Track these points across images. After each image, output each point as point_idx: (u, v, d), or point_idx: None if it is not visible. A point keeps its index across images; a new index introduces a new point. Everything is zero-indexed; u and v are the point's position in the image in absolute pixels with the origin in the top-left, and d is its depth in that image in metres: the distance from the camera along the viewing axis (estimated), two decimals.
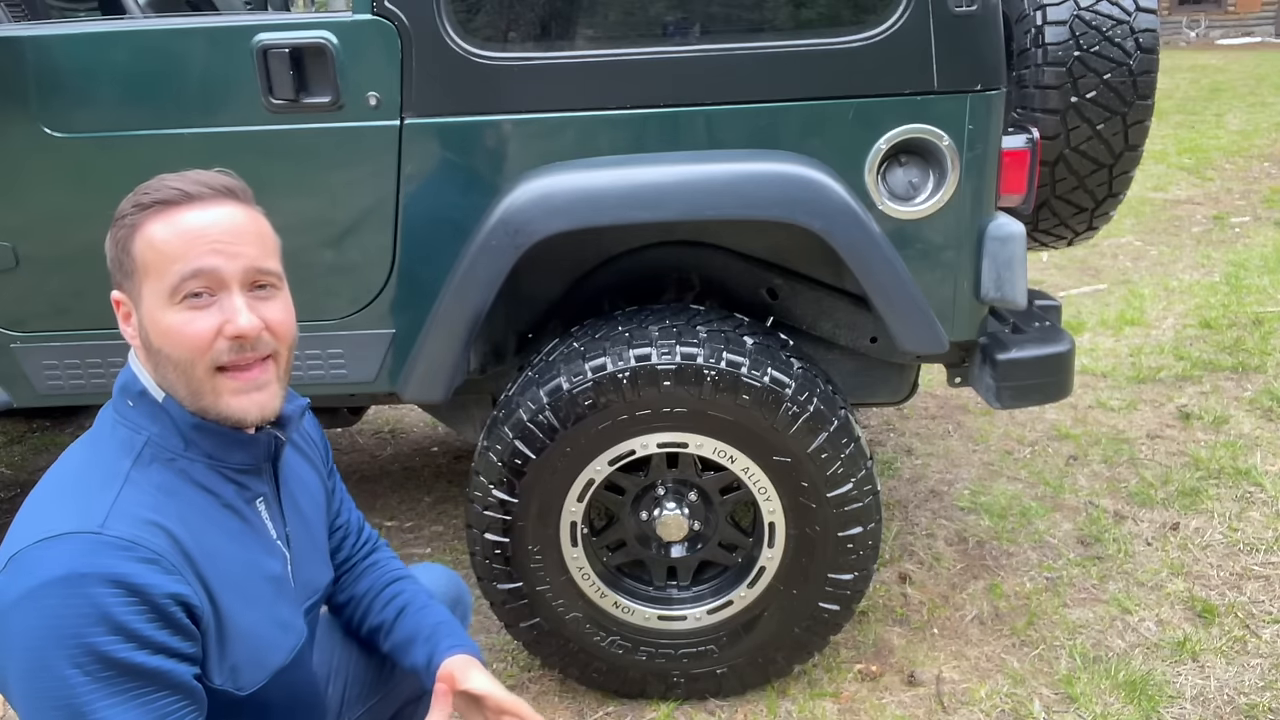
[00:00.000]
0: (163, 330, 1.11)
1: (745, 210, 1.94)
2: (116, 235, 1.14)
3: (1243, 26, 21.74)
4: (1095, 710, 2.14)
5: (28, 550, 1.02)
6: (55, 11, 2.96)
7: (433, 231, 2.04)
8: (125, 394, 1.17)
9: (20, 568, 1.02)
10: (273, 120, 1.97)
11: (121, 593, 1.00)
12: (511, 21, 2.01)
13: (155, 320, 1.12)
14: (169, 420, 1.15)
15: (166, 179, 1.14)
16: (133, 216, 1.12)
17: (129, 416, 1.16)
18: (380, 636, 1.47)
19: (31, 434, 3.91)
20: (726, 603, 2.13)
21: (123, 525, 1.05)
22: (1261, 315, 4.48)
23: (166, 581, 1.04)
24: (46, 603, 0.99)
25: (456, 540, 2.96)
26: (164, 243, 1.10)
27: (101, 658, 0.99)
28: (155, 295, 1.11)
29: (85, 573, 1.00)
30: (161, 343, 1.12)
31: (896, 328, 2.02)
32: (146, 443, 1.14)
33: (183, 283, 1.10)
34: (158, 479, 1.12)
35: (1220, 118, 10.33)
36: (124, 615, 1.00)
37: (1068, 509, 2.98)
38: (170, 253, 1.10)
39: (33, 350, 2.15)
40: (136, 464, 1.12)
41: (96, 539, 1.02)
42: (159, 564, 1.05)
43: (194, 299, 1.11)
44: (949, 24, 1.91)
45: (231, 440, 1.17)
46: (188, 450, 1.15)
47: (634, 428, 1.98)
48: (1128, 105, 2.21)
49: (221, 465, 1.18)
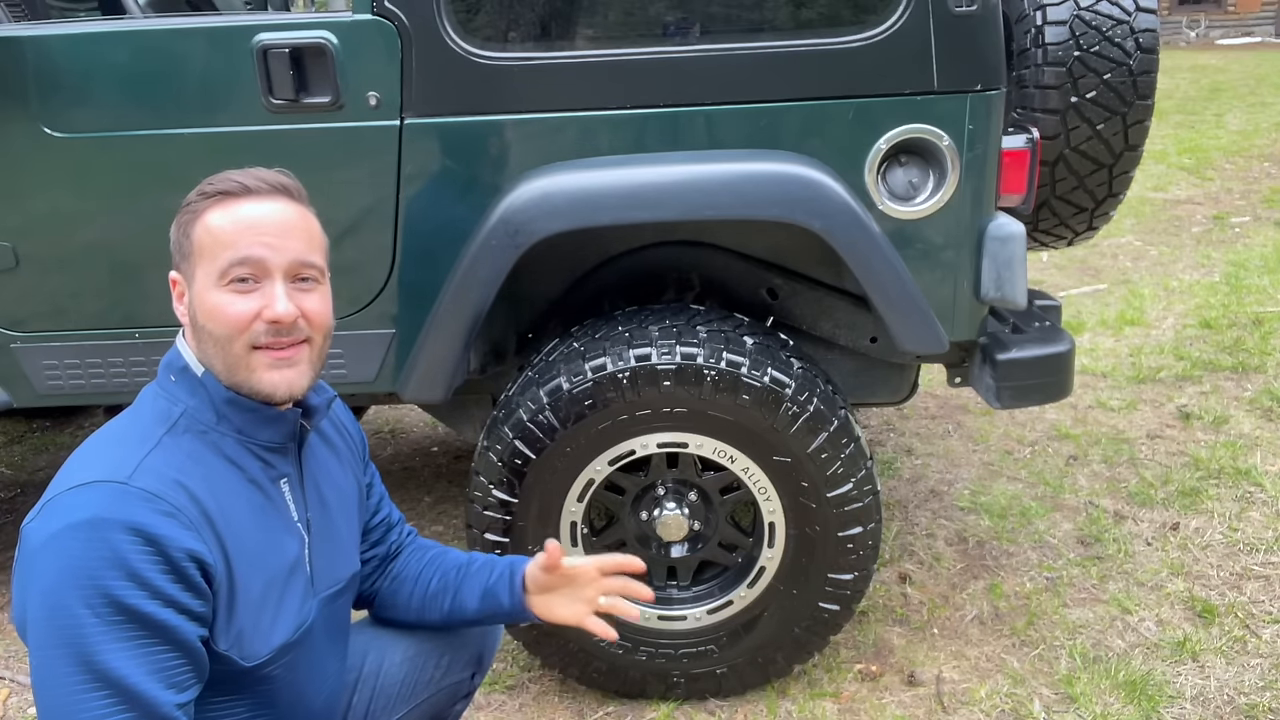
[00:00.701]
0: (208, 308, 1.20)
1: (745, 210, 1.94)
2: (181, 220, 1.23)
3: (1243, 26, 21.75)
4: (1095, 710, 2.14)
5: (59, 497, 1.10)
6: (55, 11, 2.96)
7: (433, 231, 2.04)
8: (169, 369, 1.25)
9: (51, 512, 1.09)
10: (273, 120, 1.97)
11: (139, 541, 1.07)
12: (511, 21, 2.01)
13: (203, 299, 1.21)
14: (205, 394, 1.22)
15: (231, 174, 1.24)
16: (196, 204, 1.22)
17: (169, 389, 1.24)
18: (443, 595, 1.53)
19: (31, 434, 3.91)
20: (726, 603, 2.13)
21: (148, 479, 1.11)
22: (1261, 315, 4.48)
23: (184, 536, 1.10)
24: (69, 544, 1.06)
25: (457, 540, 2.96)
26: (220, 230, 1.20)
27: (113, 601, 1.05)
28: (206, 276, 1.20)
29: (107, 517, 1.07)
30: (206, 320, 1.21)
31: (896, 328, 2.02)
32: (182, 414, 1.21)
33: (231, 267, 1.20)
34: (188, 447, 1.19)
35: (1220, 118, 10.34)
36: (139, 563, 1.06)
37: (1068, 509, 2.98)
38: (224, 239, 1.20)
39: (33, 350, 2.15)
40: (171, 431, 1.19)
41: (122, 488, 1.09)
42: (177, 518, 1.10)
43: (239, 283, 1.20)
44: (949, 24, 1.91)
45: (260, 417, 1.24)
46: (219, 424, 1.22)
47: (634, 428, 1.98)
48: (1128, 105, 2.21)
49: (250, 441, 1.24)
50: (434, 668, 1.59)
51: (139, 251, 2.08)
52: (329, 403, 1.38)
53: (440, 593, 1.54)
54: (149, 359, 2.15)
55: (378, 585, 1.58)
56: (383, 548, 1.58)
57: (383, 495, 1.59)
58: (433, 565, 1.57)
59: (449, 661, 1.60)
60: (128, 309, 2.13)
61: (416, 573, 1.57)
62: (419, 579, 1.56)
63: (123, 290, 2.12)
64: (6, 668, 2.46)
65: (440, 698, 1.61)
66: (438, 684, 1.59)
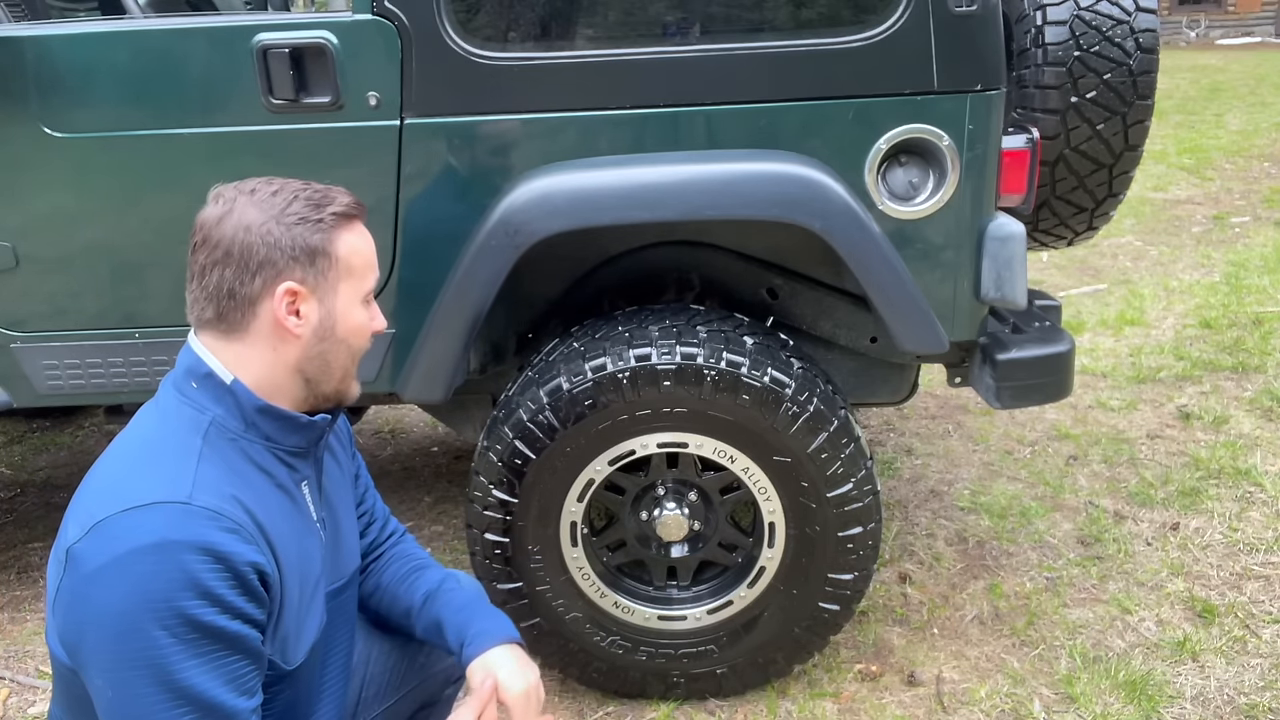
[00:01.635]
0: (354, 325, 1.27)
1: (745, 210, 1.94)
2: (304, 232, 1.22)
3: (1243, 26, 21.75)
4: (1095, 710, 2.14)
5: (115, 518, 1.08)
6: (55, 11, 2.96)
7: (433, 231, 2.04)
8: (190, 375, 1.23)
9: (108, 535, 1.08)
10: (273, 120, 1.97)
11: (209, 559, 1.08)
12: (511, 21, 2.01)
13: (349, 315, 1.27)
14: (233, 402, 1.22)
15: (331, 191, 1.26)
16: (327, 221, 1.24)
17: (192, 396, 1.22)
18: (410, 620, 1.53)
19: (31, 434, 3.91)
20: (726, 603, 2.13)
21: (208, 496, 1.12)
22: (1261, 315, 4.48)
23: (248, 550, 1.12)
24: (138, 569, 1.05)
25: (456, 540, 2.96)
26: (366, 252, 1.29)
27: (189, 621, 1.06)
28: (353, 293, 1.27)
29: (177, 540, 1.07)
30: (348, 334, 1.27)
31: (896, 328, 2.02)
32: (211, 422, 1.21)
33: (371, 288, 1.29)
34: (226, 456, 1.20)
35: (1220, 118, 10.34)
36: (211, 581, 1.07)
37: (1068, 509, 2.98)
38: (370, 260, 1.29)
39: (33, 350, 2.15)
40: (206, 441, 1.19)
41: (186, 509, 1.10)
42: (240, 534, 1.12)
43: (368, 302, 1.30)
44: (949, 24, 1.91)
45: (291, 424, 1.26)
46: (247, 432, 1.23)
47: (634, 428, 1.98)
48: (1128, 105, 2.21)
49: (277, 447, 1.25)
50: (423, 655, 1.61)
51: (139, 251, 2.08)
52: None
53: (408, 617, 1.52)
54: (149, 359, 2.15)
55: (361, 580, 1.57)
56: (364, 540, 1.57)
57: (368, 486, 1.60)
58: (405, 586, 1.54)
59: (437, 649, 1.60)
60: (128, 309, 2.13)
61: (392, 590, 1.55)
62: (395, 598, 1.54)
63: (123, 290, 2.12)
64: (6, 668, 2.46)
65: (430, 684, 1.62)
66: (426, 670, 1.61)
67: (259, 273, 1.20)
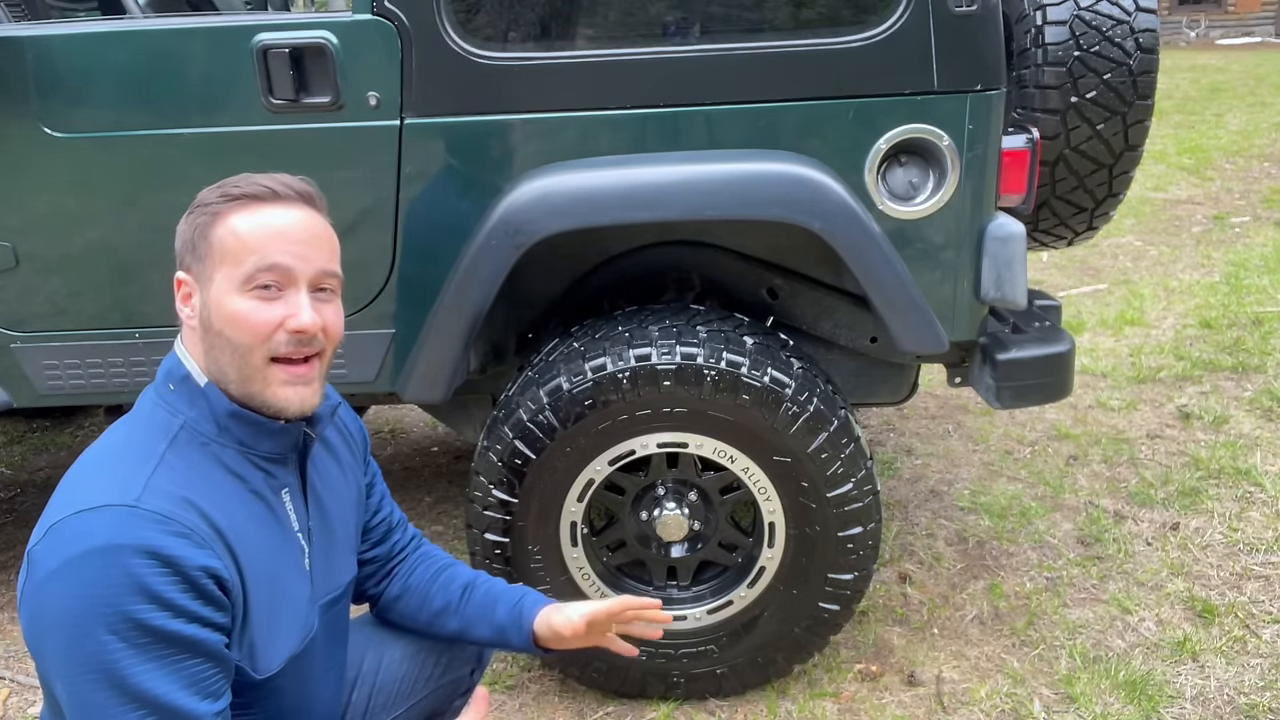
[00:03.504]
0: (228, 314, 1.18)
1: (745, 210, 1.94)
2: (195, 220, 1.20)
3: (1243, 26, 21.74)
4: (1095, 710, 2.14)
5: (65, 521, 1.08)
6: (55, 11, 2.96)
7: (433, 231, 2.04)
8: (169, 378, 1.22)
9: (58, 538, 1.07)
10: (273, 120, 1.97)
11: (155, 563, 1.05)
12: (511, 21, 2.01)
13: (222, 304, 1.18)
14: (206, 405, 1.20)
15: (254, 177, 1.22)
16: (219, 205, 1.19)
17: (168, 399, 1.21)
18: (448, 616, 1.53)
19: (31, 434, 3.91)
20: (726, 603, 2.13)
21: (157, 500, 1.10)
22: (1261, 315, 4.48)
23: (199, 555, 1.09)
24: (85, 572, 1.04)
25: (457, 540, 2.96)
26: (247, 234, 1.18)
27: (138, 625, 1.04)
28: (227, 281, 1.18)
29: (121, 544, 1.05)
30: (224, 326, 1.18)
31: (896, 328, 2.02)
32: (182, 426, 1.19)
33: (256, 273, 1.18)
34: (191, 460, 1.17)
35: (1220, 118, 10.34)
36: (158, 585, 1.05)
37: (1068, 509, 2.98)
38: (251, 244, 1.18)
39: (33, 350, 2.15)
40: (172, 446, 1.16)
41: (131, 511, 1.07)
42: (190, 538, 1.09)
43: (263, 290, 1.18)
44: (949, 24, 1.91)
45: (263, 429, 1.22)
46: (220, 436, 1.20)
47: (634, 428, 1.98)
48: (1128, 105, 2.21)
49: (251, 452, 1.22)
50: (434, 665, 1.59)
51: (139, 251, 2.08)
52: (334, 410, 1.37)
53: (444, 614, 1.54)
54: (149, 359, 2.15)
55: (382, 588, 1.58)
56: (383, 548, 1.57)
57: (384, 495, 1.58)
58: (438, 583, 1.55)
59: (449, 659, 1.60)
60: (128, 309, 2.13)
61: (423, 590, 1.56)
62: (426, 597, 1.55)
63: (123, 290, 2.12)
64: (6, 668, 2.46)
65: (439, 694, 1.61)
66: (437, 681, 1.60)
67: (177, 266, 1.22)
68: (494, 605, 1.52)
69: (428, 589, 1.55)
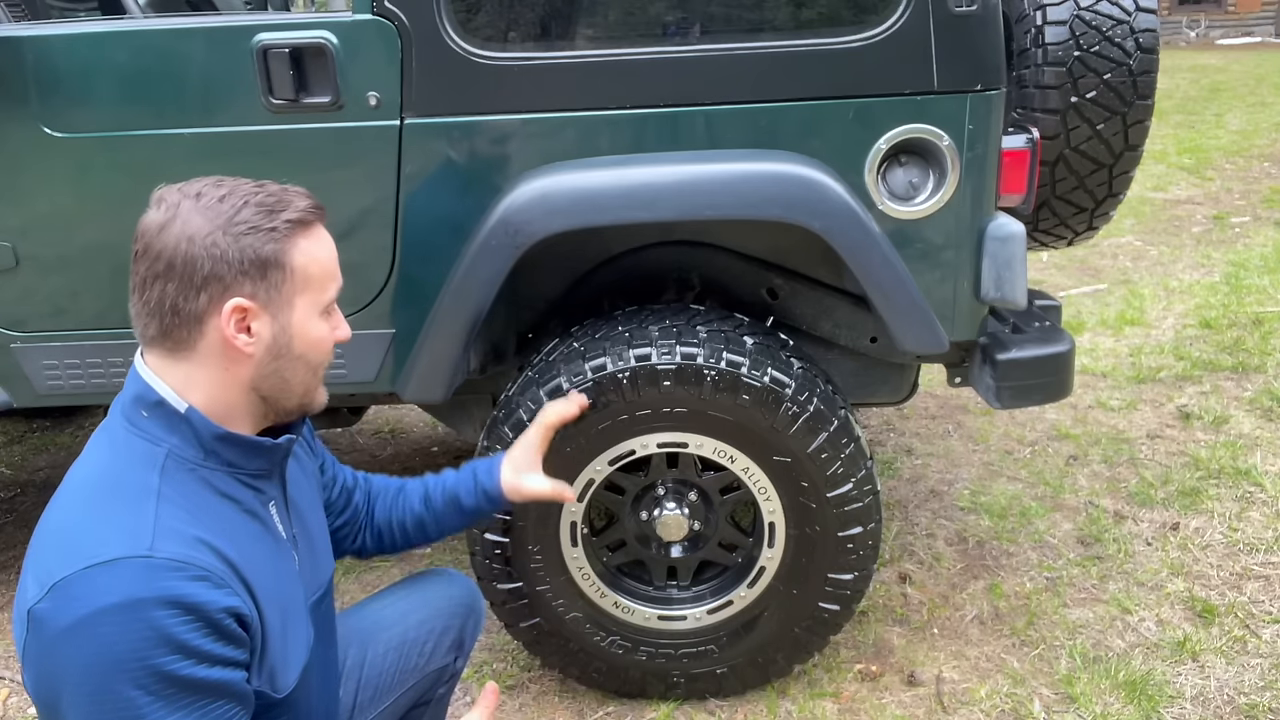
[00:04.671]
0: (314, 340, 1.20)
1: (745, 210, 1.94)
2: (251, 241, 1.12)
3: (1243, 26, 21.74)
4: (1095, 710, 2.14)
5: (76, 578, 1.01)
6: (55, 11, 2.96)
7: (433, 231, 2.04)
8: (140, 403, 1.15)
9: (70, 595, 1.01)
10: (273, 120, 1.97)
11: (179, 612, 1.02)
12: (511, 21, 2.01)
13: (306, 329, 1.19)
14: (189, 431, 1.15)
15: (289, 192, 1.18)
16: (284, 229, 1.15)
17: (144, 427, 1.14)
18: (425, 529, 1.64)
19: (31, 434, 3.91)
20: (726, 603, 2.13)
21: (170, 545, 1.05)
22: (1261, 315, 4.48)
23: (220, 596, 1.06)
24: (106, 630, 1.00)
25: (456, 540, 2.95)
26: (327, 260, 1.20)
27: (165, 677, 1.01)
28: (312, 307, 1.19)
29: (142, 597, 1.01)
30: (307, 350, 1.20)
31: (896, 328, 2.02)
32: (168, 454, 1.13)
33: (333, 297, 1.22)
34: (186, 490, 1.12)
35: (1220, 118, 10.34)
36: (184, 634, 1.02)
37: (1068, 509, 2.98)
38: (330, 270, 1.21)
39: (33, 350, 2.15)
40: (163, 477, 1.11)
41: (148, 562, 1.03)
42: (210, 579, 1.06)
43: (329, 313, 1.23)
44: (949, 24, 1.91)
45: (254, 448, 1.20)
46: (207, 460, 1.16)
47: (634, 428, 1.98)
48: (1128, 105, 2.21)
49: (240, 472, 1.19)
50: (417, 655, 1.60)
51: None
52: None
53: (420, 530, 1.63)
54: None
55: (360, 542, 1.63)
56: (349, 512, 1.59)
57: (334, 464, 1.59)
58: (400, 510, 1.63)
59: (432, 649, 1.62)
60: (128, 309, 2.12)
61: (391, 522, 1.62)
62: (399, 527, 1.62)
63: (123, 290, 2.09)
64: (6, 668, 2.46)
65: (424, 683, 1.63)
66: (421, 671, 1.61)
67: (204, 288, 1.11)
68: (457, 498, 1.63)
69: (396, 520, 1.62)
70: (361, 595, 2.68)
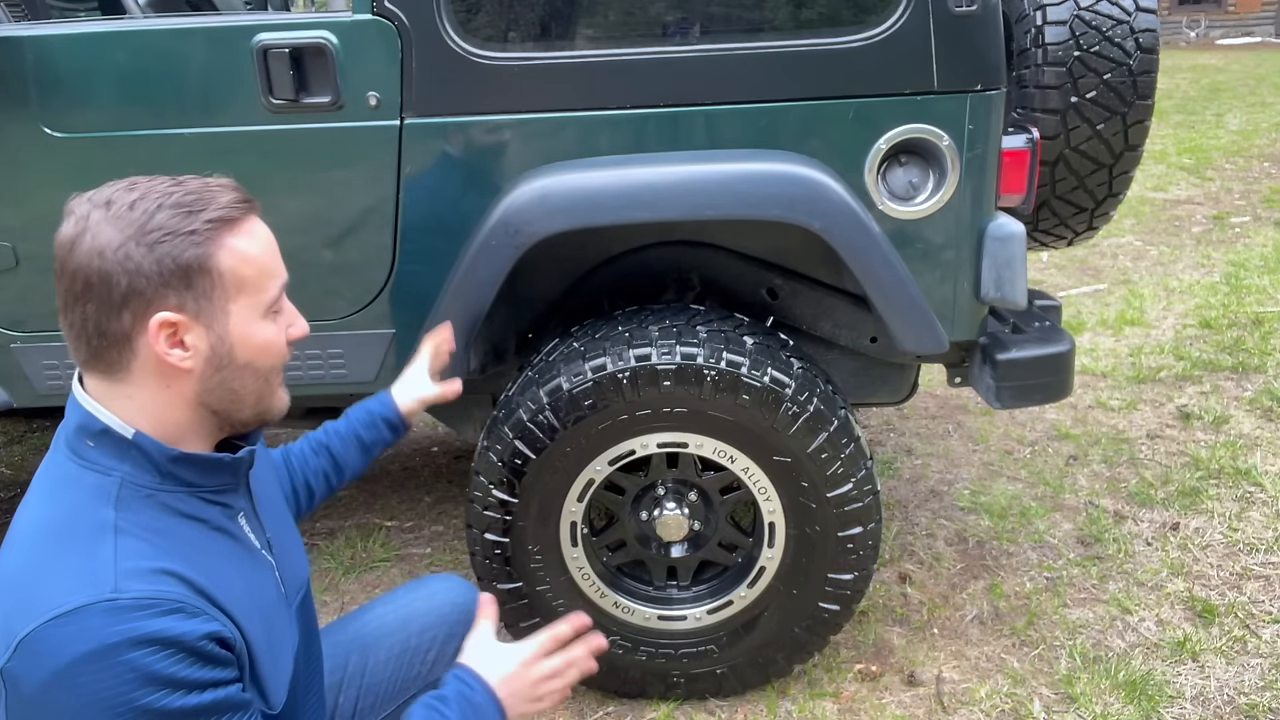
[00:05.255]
0: (259, 344, 1.12)
1: (745, 210, 1.94)
2: (168, 250, 1.04)
3: (1243, 26, 21.74)
4: (1095, 710, 2.14)
5: (41, 632, 0.96)
6: (55, 11, 2.96)
7: (433, 231, 2.04)
8: (83, 434, 1.08)
9: (38, 651, 0.96)
10: (273, 120, 1.97)
11: (157, 649, 0.97)
12: (511, 21, 2.01)
13: (250, 335, 1.10)
14: (140, 456, 1.08)
15: (209, 188, 1.09)
16: (203, 231, 1.05)
17: (91, 458, 1.07)
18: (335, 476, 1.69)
19: (31, 434, 3.91)
20: (726, 603, 2.13)
21: (135, 584, 0.99)
22: (1261, 315, 4.48)
23: (197, 625, 1.01)
24: (83, 679, 0.95)
25: (456, 540, 2.96)
26: (261, 257, 1.10)
27: (154, 712, 0.97)
28: (251, 310, 1.10)
29: (115, 642, 0.96)
30: (254, 356, 1.12)
31: (896, 328, 2.02)
32: (120, 484, 1.06)
33: (275, 296, 1.12)
34: (144, 520, 1.06)
35: (1220, 118, 10.34)
36: (167, 669, 0.97)
37: (1068, 509, 2.98)
38: (267, 266, 1.11)
39: (33, 350, 2.15)
40: (119, 509, 1.05)
41: (113, 605, 0.97)
42: (184, 610, 1.01)
43: (275, 311, 1.14)
44: (949, 24, 1.91)
45: (214, 465, 1.14)
46: (164, 483, 1.09)
47: (634, 428, 1.98)
48: (1128, 105, 2.21)
49: (202, 491, 1.13)
50: (420, 663, 1.58)
51: None
52: None
53: (333, 476, 1.69)
54: None
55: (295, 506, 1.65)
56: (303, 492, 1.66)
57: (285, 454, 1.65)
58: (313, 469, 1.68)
59: (435, 656, 1.59)
60: None
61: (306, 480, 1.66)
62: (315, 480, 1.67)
63: None
64: None
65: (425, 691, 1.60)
66: (424, 679, 1.58)
67: (125, 305, 1.03)
68: (358, 436, 1.71)
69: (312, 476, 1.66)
70: (362, 595, 2.68)
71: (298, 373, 2.13)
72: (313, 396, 2.30)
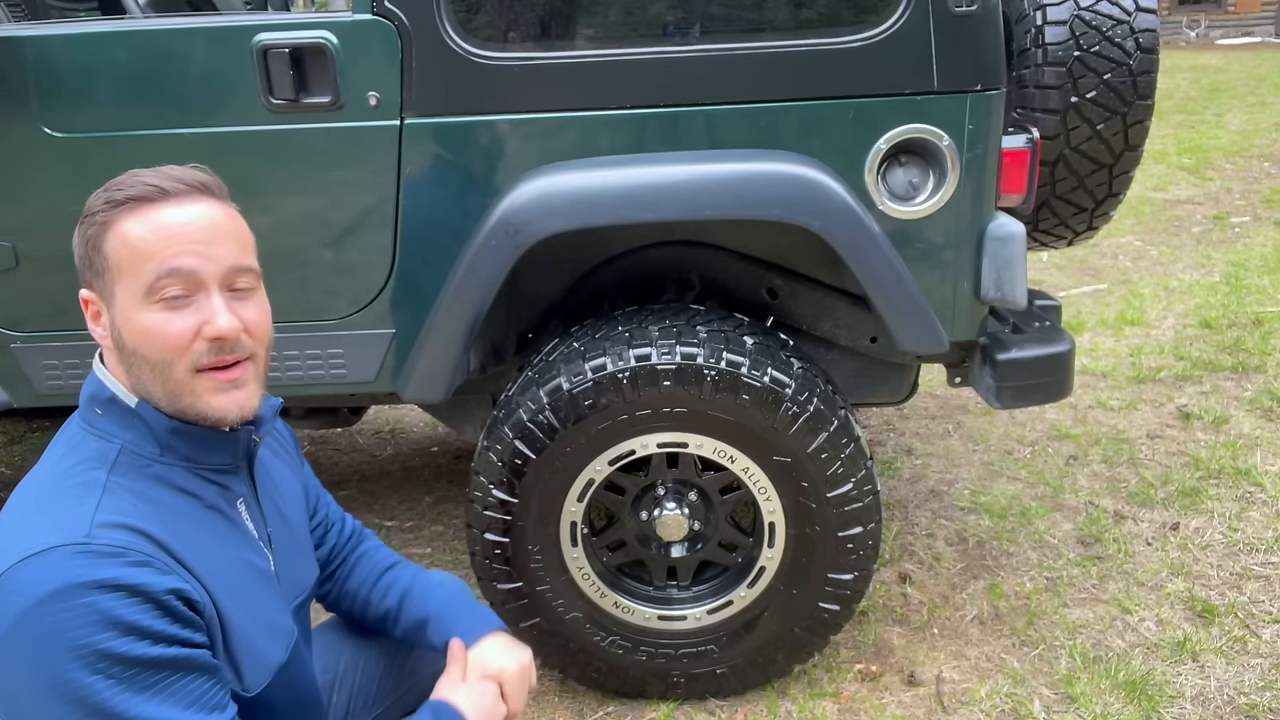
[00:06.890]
0: (139, 331, 1.10)
1: (745, 210, 1.94)
2: (86, 232, 1.11)
3: (1243, 26, 21.74)
4: (1095, 710, 2.14)
5: (10, 572, 0.99)
6: (55, 11, 2.95)
7: (433, 231, 2.04)
8: (93, 402, 1.14)
9: (7, 592, 0.98)
10: (273, 120, 1.97)
11: (123, 594, 0.98)
12: (511, 21, 2.01)
13: (130, 320, 1.10)
14: (142, 426, 1.12)
15: (140, 174, 1.12)
16: (105, 213, 1.10)
17: (99, 425, 1.13)
18: (389, 624, 1.50)
19: (31, 434, 3.91)
20: (726, 603, 2.13)
21: (109, 533, 1.02)
22: (1261, 315, 4.48)
23: (163, 580, 1.02)
24: (46, 620, 0.96)
25: (456, 540, 2.96)
26: (140, 241, 1.08)
27: (118, 659, 0.98)
28: (130, 295, 1.09)
29: (79, 582, 0.97)
30: (137, 343, 1.10)
31: (896, 328, 2.02)
32: (120, 450, 1.11)
33: (158, 282, 1.08)
34: (136, 486, 1.09)
35: (1220, 118, 10.34)
36: (130, 614, 0.98)
37: (1068, 509, 2.98)
38: (146, 251, 1.08)
39: (33, 350, 2.15)
40: (113, 472, 1.09)
41: (83, 549, 0.99)
42: (152, 565, 1.03)
43: (171, 300, 1.09)
44: (949, 24, 1.91)
45: (209, 441, 1.16)
46: (164, 455, 1.13)
47: (634, 428, 1.98)
48: (1128, 105, 2.21)
49: (199, 467, 1.16)
50: (410, 659, 1.58)
51: None
52: (275, 411, 1.30)
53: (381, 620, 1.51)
54: None
55: (327, 589, 1.55)
56: (323, 549, 1.53)
57: (319, 493, 1.54)
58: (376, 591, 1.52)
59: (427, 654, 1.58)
60: None
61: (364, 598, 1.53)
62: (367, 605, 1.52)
63: None
64: None
65: (418, 689, 1.58)
66: (415, 675, 1.58)
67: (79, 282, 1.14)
68: (425, 629, 1.47)
69: (368, 595, 1.52)
70: None
71: (298, 373, 2.13)
72: (313, 396, 2.30)
